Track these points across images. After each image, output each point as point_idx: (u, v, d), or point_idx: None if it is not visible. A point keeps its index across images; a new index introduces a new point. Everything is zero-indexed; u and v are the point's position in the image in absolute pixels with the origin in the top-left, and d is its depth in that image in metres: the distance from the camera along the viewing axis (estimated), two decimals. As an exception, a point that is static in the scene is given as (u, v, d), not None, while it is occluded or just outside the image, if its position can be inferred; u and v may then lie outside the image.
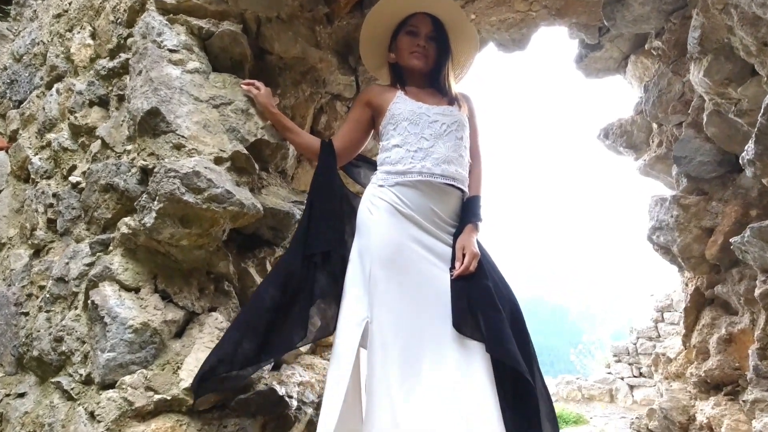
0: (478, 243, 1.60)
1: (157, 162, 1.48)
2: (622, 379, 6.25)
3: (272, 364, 1.66)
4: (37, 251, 1.94)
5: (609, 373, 6.42)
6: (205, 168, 1.49)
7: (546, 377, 1.47)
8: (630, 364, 6.26)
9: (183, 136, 1.52)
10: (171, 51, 1.63)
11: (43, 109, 2.14)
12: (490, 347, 1.36)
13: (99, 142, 1.75)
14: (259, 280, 1.82)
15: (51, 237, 1.90)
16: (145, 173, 1.52)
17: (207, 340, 1.52)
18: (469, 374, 1.35)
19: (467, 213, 1.63)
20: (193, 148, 1.53)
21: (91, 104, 1.88)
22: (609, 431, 5.52)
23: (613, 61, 2.14)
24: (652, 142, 2.07)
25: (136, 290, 1.50)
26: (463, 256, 1.51)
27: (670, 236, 1.98)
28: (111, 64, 1.82)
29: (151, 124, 1.52)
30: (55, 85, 2.14)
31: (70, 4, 2.17)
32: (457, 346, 1.40)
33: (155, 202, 1.41)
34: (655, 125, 2.04)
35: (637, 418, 2.65)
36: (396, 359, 1.37)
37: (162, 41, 1.61)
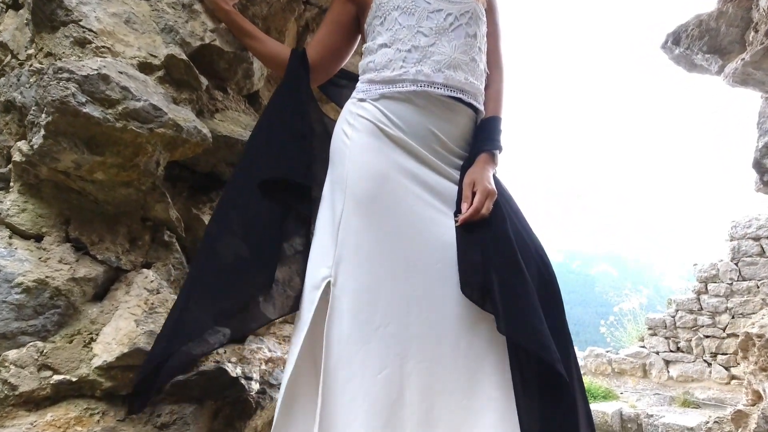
0: (496, 179, 1.17)
1: (54, 62, 1.09)
2: (657, 353, 5.79)
3: (227, 338, 1.30)
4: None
5: (642, 346, 5.96)
6: (120, 73, 1.09)
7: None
8: (667, 338, 5.77)
9: (89, 30, 1.11)
10: None
11: (-30, 26, 1.77)
12: (508, 326, 0.94)
13: (9, 51, 1.37)
14: (215, 230, 1.44)
15: (-32, 177, 1.56)
16: (44, 82, 1.13)
17: (134, 304, 1.16)
18: (475, 366, 0.95)
19: (481, 139, 1.19)
20: (104, 47, 1.13)
21: (7, 8, 1.49)
22: (641, 407, 5.13)
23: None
24: (756, 32, 1.52)
25: (38, 238, 1.14)
26: (473, 195, 1.09)
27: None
28: (23, -47, 1.41)
29: (46, 12, 1.11)
30: (-17, -3, 1.76)
31: None
32: (462, 323, 0.99)
33: (43, 115, 1.02)
34: (764, 5, 1.48)
35: (715, 422, 2.16)
36: (366, 342, 0.97)
37: None
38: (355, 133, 1.14)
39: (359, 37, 1.39)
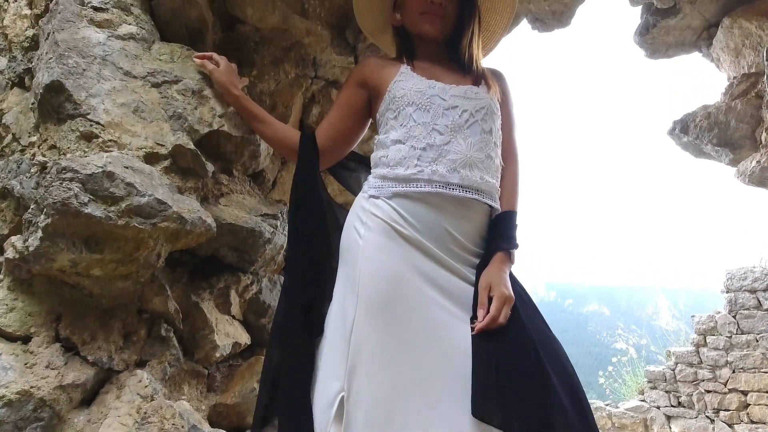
0: (512, 278, 1.12)
1: (58, 158, 1.05)
2: (658, 408, 5.64)
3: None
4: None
5: (643, 400, 5.81)
6: (125, 168, 1.05)
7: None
8: (667, 391, 5.65)
9: (97, 123, 1.08)
10: (95, 9, 1.21)
11: (-29, 93, 1.74)
12: None
13: (11, 133, 1.33)
14: (214, 318, 1.37)
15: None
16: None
17: (125, 412, 1.07)
18: None
19: (497, 236, 1.15)
20: (111, 140, 1.09)
21: (12, 85, 1.46)
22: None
23: (692, 31, 1.61)
24: (771, 133, 1.53)
25: (25, 339, 1.07)
26: (490, 300, 1.04)
27: None
28: (32, 32, 1.40)
29: (54, 104, 1.08)
30: (-13, 66, 1.75)
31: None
32: None
33: (42, 216, 0.97)
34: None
35: None
36: None
37: (82, -6, 1.18)
38: (368, 232, 1.10)
39: (370, 121, 1.38)
